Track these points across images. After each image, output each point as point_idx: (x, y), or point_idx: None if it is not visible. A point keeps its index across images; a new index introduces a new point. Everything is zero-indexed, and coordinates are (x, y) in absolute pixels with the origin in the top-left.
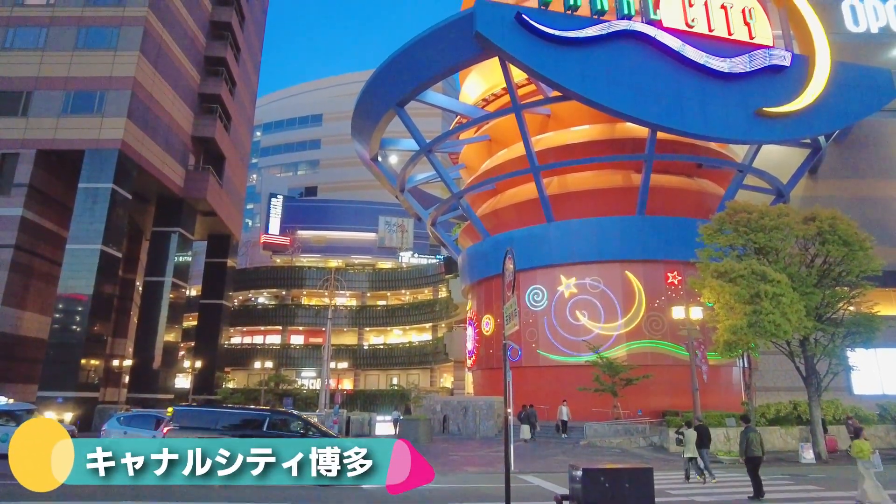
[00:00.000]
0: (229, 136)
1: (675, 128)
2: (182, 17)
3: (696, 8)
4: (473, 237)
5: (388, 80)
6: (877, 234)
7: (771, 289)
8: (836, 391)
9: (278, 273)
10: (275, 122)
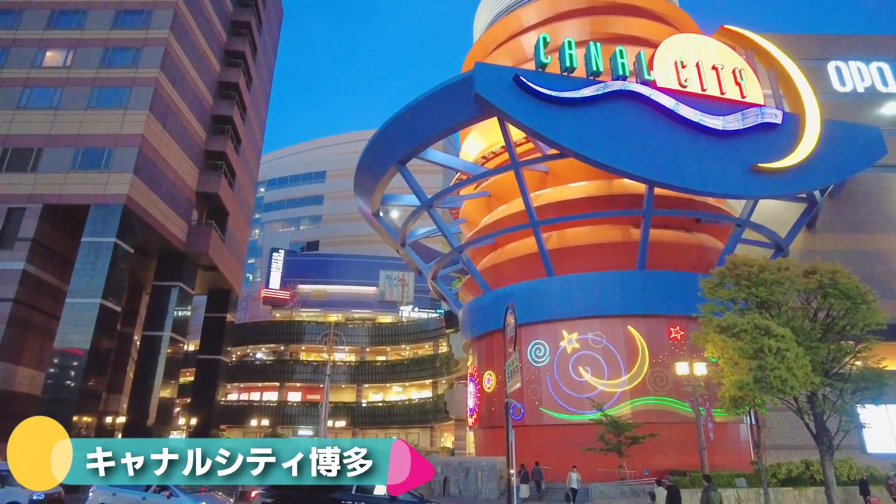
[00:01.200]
0: (233, 191)
1: (672, 184)
2: (191, 78)
3: (689, 69)
4: (474, 291)
5: (391, 138)
6: (877, 287)
7: (775, 343)
8: (848, 449)
9: (277, 328)
10: (279, 179)
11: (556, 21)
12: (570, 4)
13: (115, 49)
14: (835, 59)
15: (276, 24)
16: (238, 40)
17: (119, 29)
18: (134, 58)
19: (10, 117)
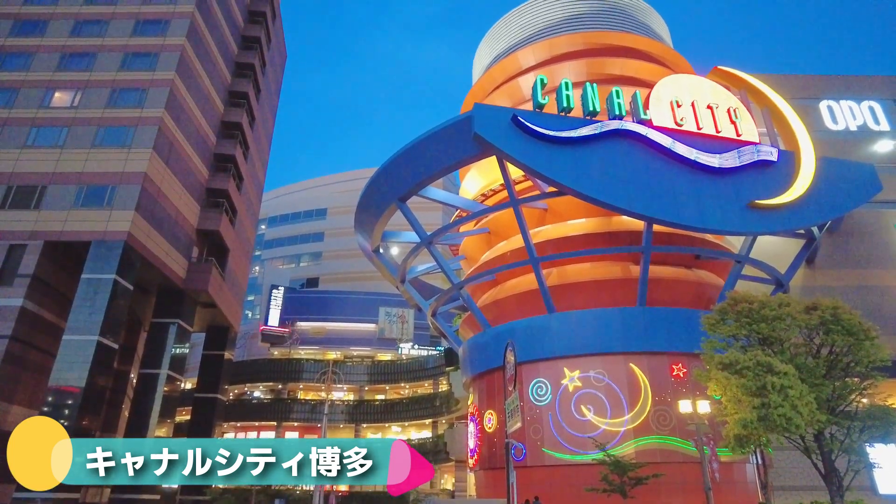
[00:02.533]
0: (234, 229)
1: (670, 220)
2: (195, 117)
3: (685, 108)
4: (474, 328)
5: (391, 176)
6: (880, 323)
7: (778, 381)
8: (859, 491)
9: (275, 366)
10: (280, 216)
11: (553, 63)
12: (568, 47)
13: (121, 90)
14: (826, 98)
15: (280, 65)
16: (242, 81)
17: (126, 71)
18: (140, 98)
19: (16, 155)
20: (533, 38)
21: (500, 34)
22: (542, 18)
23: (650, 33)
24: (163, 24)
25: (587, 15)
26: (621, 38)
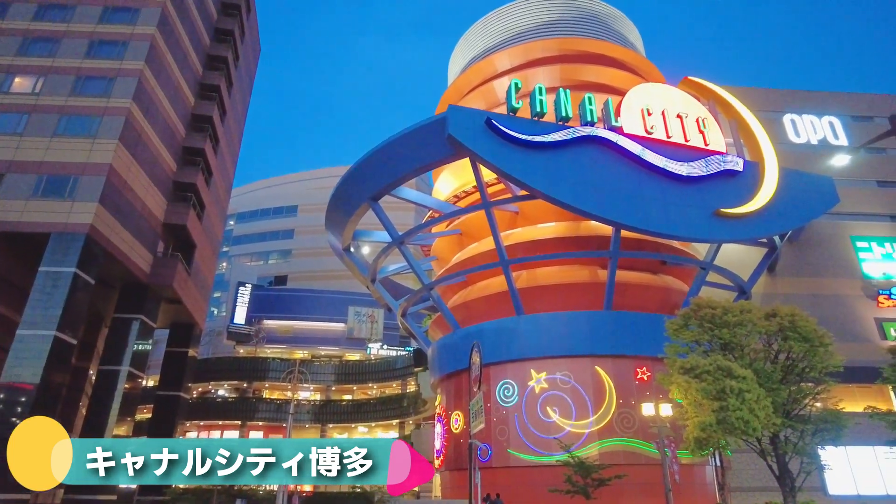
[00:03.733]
0: (202, 224)
1: (638, 227)
2: (164, 109)
3: (655, 116)
4: (444, 329)
5: (364, 175)
6: (834, 330)
7: (737, 385)
8: (810, 491)
9: (241, 364)
10: (249, 212)
11: (528, 67)
12: (542, 52)
13: (87, 78)
14: (790, 111)
15: (253, 60)
16: (214, 74)
17: (92, 58)
18: (106, 87)
19: None
20: (508, 42)
21: (476, 37)
22: (518, 23)
23: (624, 42)
24: (132, 12)
25: (562, 21)
26: (595, 46)
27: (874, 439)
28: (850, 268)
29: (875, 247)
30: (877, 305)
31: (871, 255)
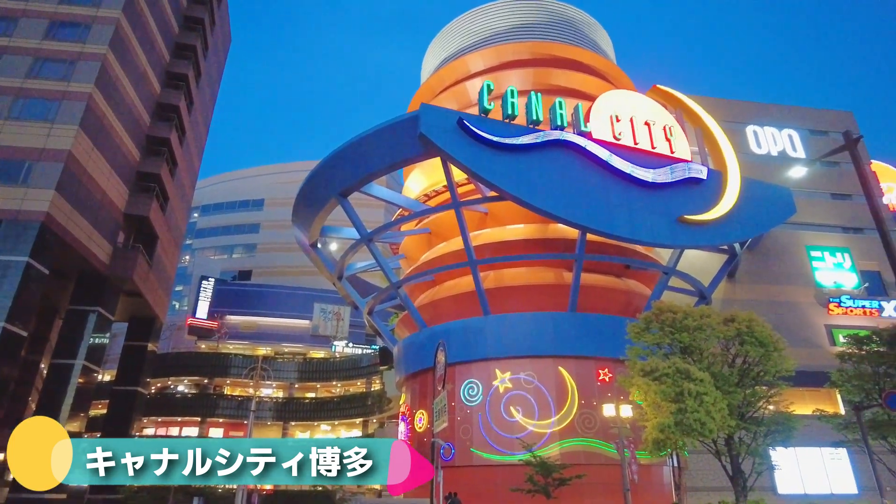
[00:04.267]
0: (165, 216)
1: (604, 231)
2: (128, 96)
3: (623, 123)
4: (410, 328)
5: (334, 170)
6: (788, 336)
7: (695, 387)
8: (761, 491)
9: (202, 359)
10: (214, 204)
11: (500, 70)
12: (515, 55)
13: (46, 60)
14: (753, 123)
15: (223, 50)
16: (182, 63)
17: (52, 40)
18: (66, 71)
19: None
20: (482, 44)
21: (450, 37)
22: (492, 25)
23: (595, 48)
24: None
25: (536, 25)
26: (567, 51)
27: (821, 441)
28: (804, 276)
29: (828, 256)
30: (827, 312)
31: (824, 265)
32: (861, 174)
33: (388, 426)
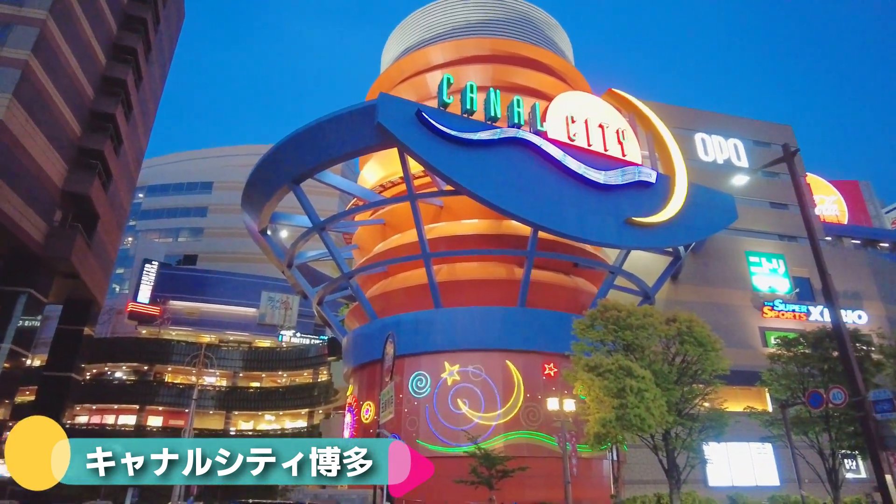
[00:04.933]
0: (107, 195)
1: (554, 229)
2: (71, 67)
3: (578, 124)
4: (361, 319)
5: (287, 155)
6: (725, 336)
7: (636, 384)
8: (693, 483)
9: (142, 345)
10: (161, 185)
11: (460, 64)
12: (475, 50)
13: None
14: (701, 131)
15: (176, 26)
16: (131, 36)
17: None
18: (0, 35)
19: None
20: (443, 37)
21: (411, 28)
22: (455, 18)
23: (555, 48)
24: None
25: (498, 21)
26: (527, 50)
27: (750, 436)
28: (742, 280)
29: (764, 262)
30: (761, 315)
31: (761, 270)
32: (797, 186)
33: (335, 417)
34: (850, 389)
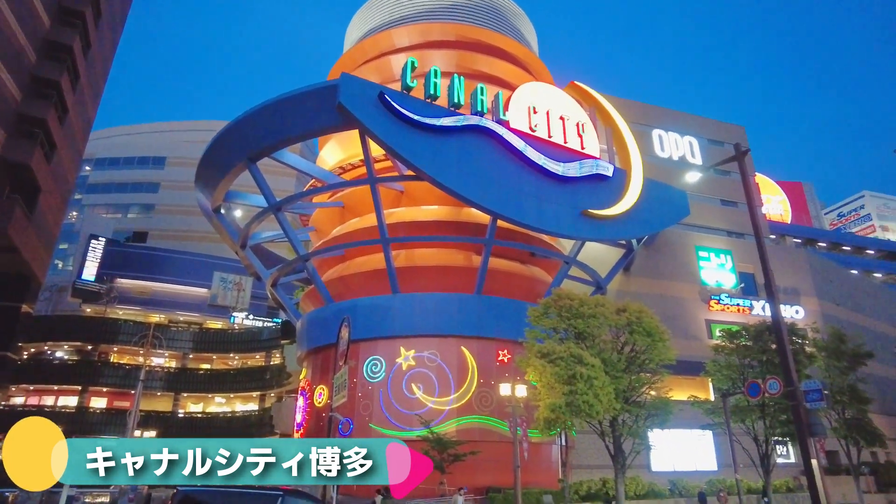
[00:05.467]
0: (50, 166)
1: (513, 218)
2: (10, 28)
3: (539, 115)
4: (316, 302)
5: (244, 133)
6: (672, 327)
7: (586, 371)
8: (637, 468)
9: (86, 324)
10: (110, 159)
11: (425, 48)
12: (440, 35)
13: None
14: (659, 127)
15: None
16: None
17: None
18: None
19: None
20: (409, 20)
21: (377, 8)
22: (421, 1)
23: (520, 38)
24: None
25: (465, 7)
26: (493, 38)
27: (692, 423)
28: (691, 274)
29: (713, 257)
30: (708, 308)
31: (709, 264)
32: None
33: (287, 401)
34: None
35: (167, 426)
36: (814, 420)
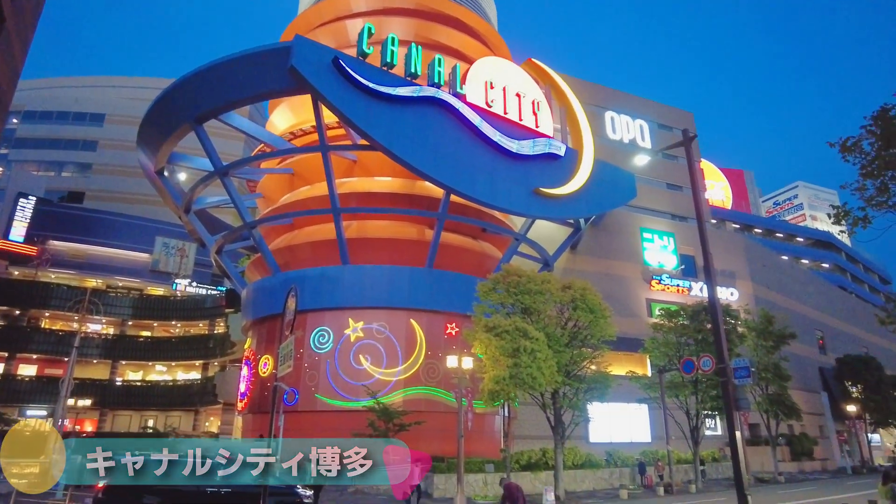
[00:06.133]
0: None
1: (466, 193)
2: None
3: (496, 91)
4: (262, 271)
5: (190, 92)
6: (614, 306)
7: (530, 345)
8: (576, 440)
9: (14, 287)
10: (41, 112)
11: (383, 14)
12: (400, 2)
13: None
14: (612, 109)
15: None
16: None
17: None
18: None
19: None
20: None
21: None
22: None
23: (480, 11)
24: None
25: None
26: (453, 9)
27: (629, 397)
28: (635, 254)
29: (657, 239)
30: (649, 288)
31: (653, 246)
32: (692, 170)
33: (231, 370)
34: (717, 358)
35: (104, 394)
36: (740, 395)
